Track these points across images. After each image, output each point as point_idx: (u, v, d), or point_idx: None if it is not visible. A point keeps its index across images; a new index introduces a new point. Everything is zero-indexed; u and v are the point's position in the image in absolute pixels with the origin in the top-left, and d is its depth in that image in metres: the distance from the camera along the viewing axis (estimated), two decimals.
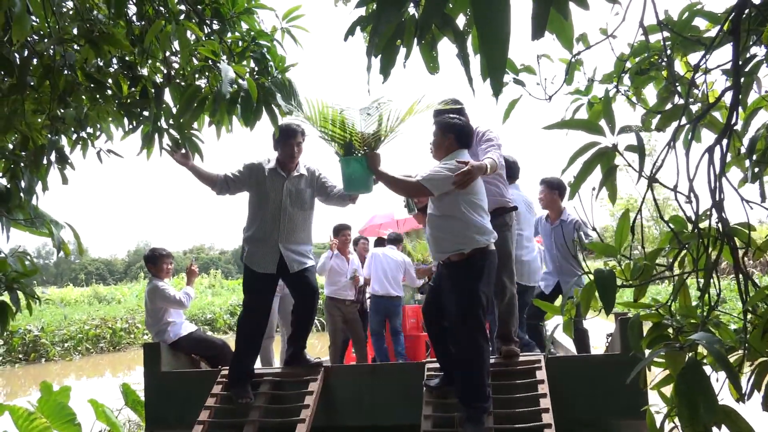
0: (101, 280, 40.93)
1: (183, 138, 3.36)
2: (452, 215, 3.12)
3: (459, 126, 3.27)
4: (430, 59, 1.56)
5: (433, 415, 3.13)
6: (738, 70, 1.78)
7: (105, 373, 11.55)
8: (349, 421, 3.52)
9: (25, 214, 3.36)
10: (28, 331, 12.83)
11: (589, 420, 3.19)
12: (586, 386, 3.22)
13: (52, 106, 2.84)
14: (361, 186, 3.26)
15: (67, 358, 12.91)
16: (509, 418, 2.97)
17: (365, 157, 3.16)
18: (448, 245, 3.15)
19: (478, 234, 3.10)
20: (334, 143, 3.24)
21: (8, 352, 12.36)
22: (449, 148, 3.25)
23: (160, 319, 4.33)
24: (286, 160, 3.76)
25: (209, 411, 3.44)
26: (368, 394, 3.54)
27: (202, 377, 3.92)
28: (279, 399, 3.57)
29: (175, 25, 2.61)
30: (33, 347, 12.72)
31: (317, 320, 15.86)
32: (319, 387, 3.46)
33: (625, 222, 1.71)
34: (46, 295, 3.51)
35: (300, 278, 3.73)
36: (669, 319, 1.83)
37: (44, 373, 11.00)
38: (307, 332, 3.83)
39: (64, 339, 13.34)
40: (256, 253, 3.70)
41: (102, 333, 14.13)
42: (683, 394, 1.46)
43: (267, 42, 2.92)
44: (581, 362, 3.69)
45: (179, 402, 3.72)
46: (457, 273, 3.12)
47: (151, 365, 3.84)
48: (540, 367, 3.22)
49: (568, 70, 2.27)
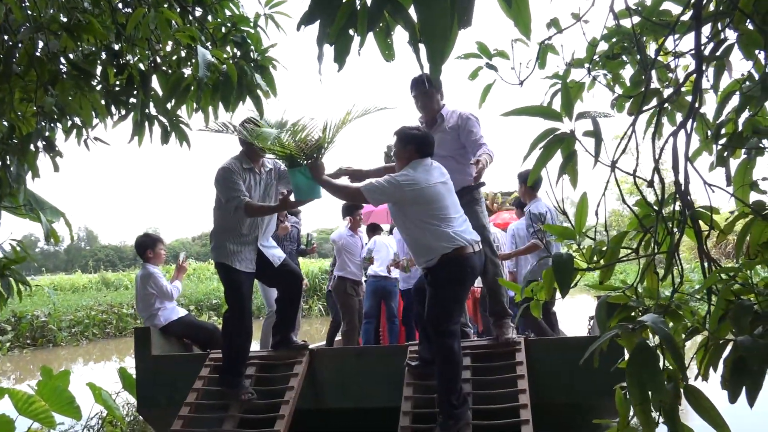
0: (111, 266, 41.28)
1: (171, 125, 3.41)
2: (411, 228, 3.23)
3: (419, 136, 3.33)
4: (386, 47, 1.58)
5: (414, 396, 3.20)
6: (701, 54, 1.78)
7: (112, 357, 11.71)
8: (335, 404, 3.59)
9: (15, 201, 3.42)
10: (35, 317, 13.02)
11: (568, 400, 3.24)
12: (566, 367, 3.27)
13: (38, 95, 2.87)
14: (308, 194, 3.42)
15: (74, 343, 13.11)
16: (488, 399, 3.04)
17: (308, 168, 3.31)
18: (419, 255, 3.28)
19: (441, 241, 3.15)
20: (277, 158, 3.49)
21: (16, 338, 12.56)
22: (410, 159, 3.28)
23: (152, 304, 4.44)
24: (252, 154, 3.68)
25: (197, 393, 3.52)
26: (354, 377, 3.60)
27: (191, 360, 4.00)
28: (265, 381, 3.63)
29: (154, 12, 2.63)
30: (41, 332, 12.92)
31: (320, 305, 16.00)
32: (304, 369, 3.52)
33: (584, 205, 1.72)
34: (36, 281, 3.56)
35: (283, 268, 3.76)
36: (635, 301, 1.85)
37: (51, 358, 11.19)
38: (295, 318, 3.88)
39: (71, 324, 13.54)
40: (240, 252, 3.63)
41: (109, 318, 14.32)
42: (633, 373, 1.50)
43: (248, 27, 2.94)
44: (561, 344, 3.74)
45: (169, 384, 3.79)
46: (433, 279, 3.21)
47: (142, 349, 3.92)
48: (520, 349, 3.28)
49: (539, 55, 2.28)
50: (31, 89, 2.91)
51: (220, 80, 2.66)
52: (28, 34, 2.54)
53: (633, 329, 1.58)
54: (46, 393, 4.49)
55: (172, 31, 2.70)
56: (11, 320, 12.86)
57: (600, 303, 1.83)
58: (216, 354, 3.83)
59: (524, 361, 3.21)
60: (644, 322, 1.49)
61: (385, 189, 3.14)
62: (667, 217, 1.77)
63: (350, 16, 1.44)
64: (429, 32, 1.23)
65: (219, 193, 3.64)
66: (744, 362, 1.43)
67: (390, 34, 1.55)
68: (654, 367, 1.44)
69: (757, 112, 1.92)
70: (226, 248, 3.62)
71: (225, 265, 3.62)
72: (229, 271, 3.61)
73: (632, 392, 1.52)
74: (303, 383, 3.50)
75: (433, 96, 3.84)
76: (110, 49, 3.09)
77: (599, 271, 1.88)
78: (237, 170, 3.62)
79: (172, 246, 40.32)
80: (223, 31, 2.98)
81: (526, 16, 1.68)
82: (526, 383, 3.06)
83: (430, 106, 3.86)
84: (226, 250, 3.61)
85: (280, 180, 3.82)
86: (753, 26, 1.84)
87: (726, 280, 1.62)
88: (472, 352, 3.45)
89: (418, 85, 3.81)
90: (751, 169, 1.90)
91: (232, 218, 3.61)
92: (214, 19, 3.07)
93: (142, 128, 3.26)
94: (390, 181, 3.16)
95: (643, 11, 2.11)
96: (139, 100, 3.13)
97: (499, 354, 3.40)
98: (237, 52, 2.94)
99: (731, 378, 1.47)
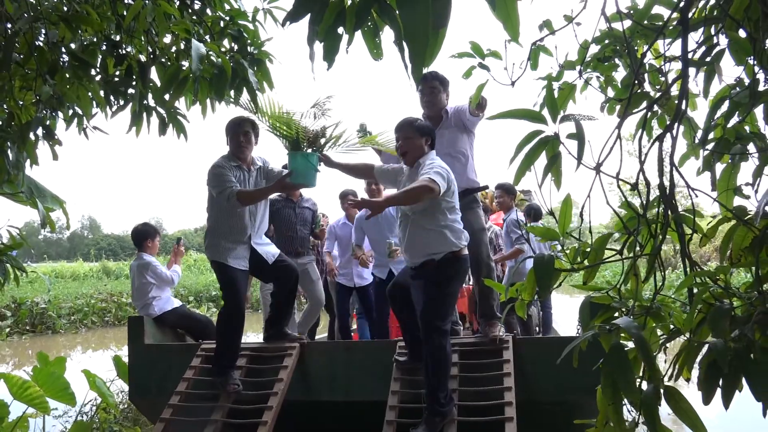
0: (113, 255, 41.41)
1: (169, 117, 3.44)
2: (428, 220, 3.14)
3: (433, 130, 3.37)
4: (374, 46, 1.60)
5: (401, 391, 3.24)
6: (686, 58, 1.80)
7: (110, 346, 11.78)
8: (324, 396, 3.62)
9: (13, 187, 3.45)
10: (35, 304, 13.11)
11: (554, 399, 3.26)
12: (552, 366, 3.28)
13: (37, 84, 2.90)
14: (304, 179, 3.49)
15: (72, 330, 13.19)
16: (474, 396, 3.07)
17: (313, 154, 3.40)
18: (426, 248, 3.17)
19: (454, 238, 3.15)
20: (282, 138, 3.50)
21: (16, 324, 12.65)
22: (422, 151, 3.28)
23: (147, 293, 4.49)
24: (237, 152, 3.71)
25: (187, 382, 3.56)
26: (343, 371, 3.63)
27: (182, 350, 4.04)
28: (255, 372, 3.67)
29: (152, 5, 2.65)
30: (40, 319, 13.01)
31: None
32: (293, 362, 3.55)
33: (567, 207, 1.74)
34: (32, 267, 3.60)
35: (278, 264, 3.79)
36: (618, 302, 1.87)
37: (50, 345, 11.26)
38: (290, 312, 3.93)
39: (71, 312, 13.62)
40: (234, 249, 3.67)
41: (108, 307, 14.41)
42: (607, 374, 1.53)
43: (245, 21, 2.97)
44: (548, 343, 3.79)
45: (161, 373, 3.83)
46: (432, 276, 3.15)
47: (135, 338, 3.96)
48: (507, 347, 3.30)
49: (530, 56, 2.29)
50: (31, 78, 2.94)
51: (214, 73, 2.69)
52: (27, 23, 2.56)
53: (609, 330, 1.61)
54: (42, 379, 4.53)
55: (169, 24, 2.72)
56: (11, 306, 12.95)
57: (583, 303, 1.85)
58: (208, 345, 3.88)
59: (511, 359, 3.24)
60: (618, 325, 1.51)
61: (443, 177, 3.07)
62: (651, 220, 1.80)
63: (338, 15, 1.47)
64: (411, 33, 1.26)
65: (211, 189, 3.68)
66: (717, 365, 1.45)
67: (378, 34, 1.58)
68: (626, 367, 1.46)
69: (744, 118, 1.93)
70: (220, 246, 3.66)
71: (219, 263, 3.66)
72: (224, 268, 3.65)
73: (605, 391, 1.55)
74: (293, 375, 3.54)
75: (440, 93, 3.86)
76: (110, 40, 3.12)
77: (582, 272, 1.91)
78: (227, 166, 3.66)
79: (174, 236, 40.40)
80: (221, 25, 3.00)
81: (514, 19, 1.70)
82: (513, 381, 3.08)
83: (436, 102, 3.87)
84: (221, 248, 3.66)
85: (267, 179, 3.83)
86: (744, 33, 1.86)
87: (703, 284, 1.64)
88: (460, 349, 3.49)
89: (427, 81, 3.82)
90: (736, 174, 1.92)
91: (225, 216, 3.66)
92: (213, 12, 3.09)
93: (140, 119, 3.29)
94: (438, 169, 3.09)
95: (634, 15, 2.12)
96: (138, 91, 3.16)
97: (487, 351, 3.43)
98: (234, 45, 2.96)
99: (705, 380, 1.49)
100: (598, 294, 1.89)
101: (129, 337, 4.00)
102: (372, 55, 1.64)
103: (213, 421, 3.30)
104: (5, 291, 13.43)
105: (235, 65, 2.76)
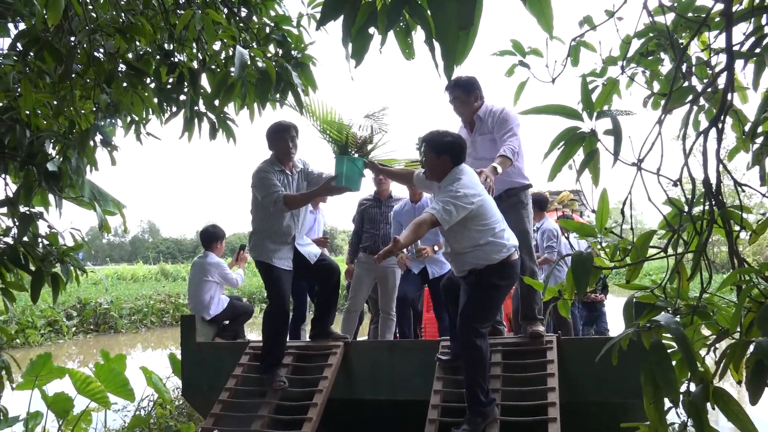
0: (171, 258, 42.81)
1: (218, 122, 3.56)
2: (464, 239, 3.13)
3: (452, 144, 3.20)
4: (406, 46, 1.62)
5: (443, 390, 3.23)
6: (731, 50, 1.75)
7: (167, 344, 12.20)
8: (367, 395, 3.66)
9: (75, 192, 3.65)
10: (99, 304, 13.73)
11: (599, 400, 3.19)
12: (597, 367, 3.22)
13: (96, 93, 3.06)
14: (349, 183, 3.56)
15: (133, 330, 13.74)
16: (517, 396, 3.04)
17: (359, 159, 3.50)
18: (466, 262, 3.19)
19: (494, 254, 3.12)
20: (332, 143, 3.60)
21: (81, 323, 13.28)
22: (445, 169, 3.18)
23: (206, 292, 4.67)
24: (282, 156, 3.79)
25: (236, 379, 3.67)
26: (386, 369, 3.66)
27: (232, 348, 4.16)
28: (301, 370, 3.75)
29: (201, 14, 2.75)
30: (103, 319, 13.62)
31: None
32: (338, 360, 3.61)
33: (604, 203, 1.72)
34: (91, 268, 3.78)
35: (320, 263, 3.88)
36: (663, 301, 1.83)
37: (112, 343, 11.76)
38: (333, 311, 4.01)
39: (131, 312, 14.20)
40: (279, 250, 3.75)
41: (166, 308, 14.94)
42: (647, 373, 1.49)
43: (289, 26, 3.05)
44: (593, 343, 3.69)
45: (212, 370, 3.97)
46: (477, 280, 3.16)
47: (188, 336, 4.11)
48: (552, 347, 3.25)
49: (570, 53, 2.27)
50: (90, 87, 3.11)
51: (258, 78, 2.77)
52: (86, 35, 2.71)
53: (650, 328, 1.57)
54: (103, 375, 4.75)
55: (217, 31, 2.82)
56: (77, 306, 13.60)
57: (627, 302, 1.82)
58: (256, 343, 3.99)
59: (555, 360, 3.19)
60: (659, 322, 1.48)
61: (457, 208, 3.00)
62: (696, 216, 1.75)
63: (370, 16, 1.50)
64: (442, 32, 1.28)
65: (256, 193, 3.78)
66: (764, 363, 1.41)
67: (410, 34, 1.60)
68: (666, 365, 1.43)
69: None
70: (265, 247, 3.76)
71: (264, 263, 3.76)
72: (269, 268, 3.75)
73: (645, 390, 1.52)
74: (337, 374, 3.60)
75: (466, 100, 3.83)
76: (162, 49, 3.26)
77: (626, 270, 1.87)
78: (270, 171, 3.75)
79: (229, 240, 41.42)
80: (267, 31, 3.09)
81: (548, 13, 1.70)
82: (557, 381, 3.04)
83: (465, 110, 3.87)
84: (265, 249, 3.75)
85: (308, 181, 3.91)
86: None
87: (750, 281, 1.59)
88: (503, 349, 3.46)
89: (451, 91, 3.83)
90: None
91: (270, 218, 3.76)
92: (258, 19, 3.18)
93: (192, 124, 3.42)
94: (454, 199, 3.00)
95: (677, 8, 2.07)
96: (189, 97, 3.28)
97: (531, 352, 3.40)
98: (279, 50, 3.04)
99: (752, 379, 1.44)
100: (643, 293, 1.85)
101: (182, 335, 4.15)
102: (404, 54, 1.66)
103: (260, 416, 3.39)
104: (71, 292, 14.08)
105: (280, 69, 2.83)
